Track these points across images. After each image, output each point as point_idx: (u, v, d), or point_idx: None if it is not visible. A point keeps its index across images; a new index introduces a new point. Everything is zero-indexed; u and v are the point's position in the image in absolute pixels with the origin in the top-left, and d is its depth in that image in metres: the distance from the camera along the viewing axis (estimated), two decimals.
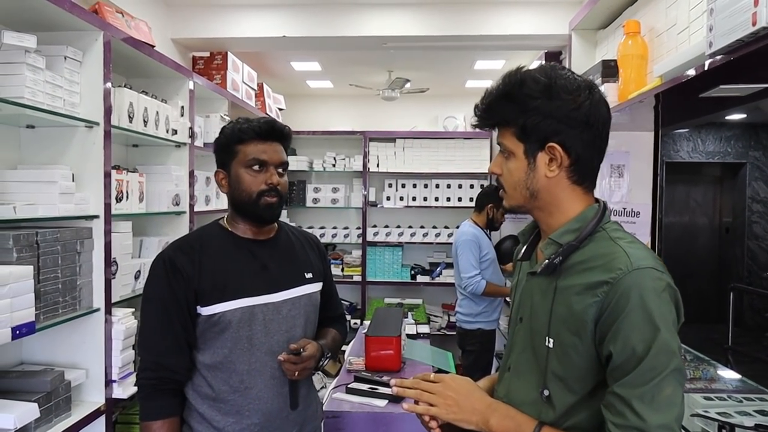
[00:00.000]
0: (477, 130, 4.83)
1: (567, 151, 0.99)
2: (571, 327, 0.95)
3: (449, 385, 1.05)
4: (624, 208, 2.43)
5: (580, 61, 2.65)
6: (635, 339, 0.88)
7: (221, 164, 1.54)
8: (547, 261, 1.00)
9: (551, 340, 0.98)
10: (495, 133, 1.08)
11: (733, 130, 6.97)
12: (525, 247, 1.14)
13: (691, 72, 1.50)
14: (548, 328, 0.99)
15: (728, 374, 2.09)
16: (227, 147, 1.51)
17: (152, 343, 1.46)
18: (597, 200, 1.05)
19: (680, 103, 1.97)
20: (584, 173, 1.02)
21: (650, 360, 0.87)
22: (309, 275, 1.60)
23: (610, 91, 2.06)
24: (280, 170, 1.51)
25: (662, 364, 0.87)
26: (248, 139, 1.48)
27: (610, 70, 2.12)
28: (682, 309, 0.94)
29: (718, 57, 1.33)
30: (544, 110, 0.97)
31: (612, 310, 0.90)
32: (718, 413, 1.65)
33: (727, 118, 6.09)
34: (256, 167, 1.48)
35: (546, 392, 0.98)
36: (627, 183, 2.48)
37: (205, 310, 1.45)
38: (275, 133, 1.51)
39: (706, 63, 1.39)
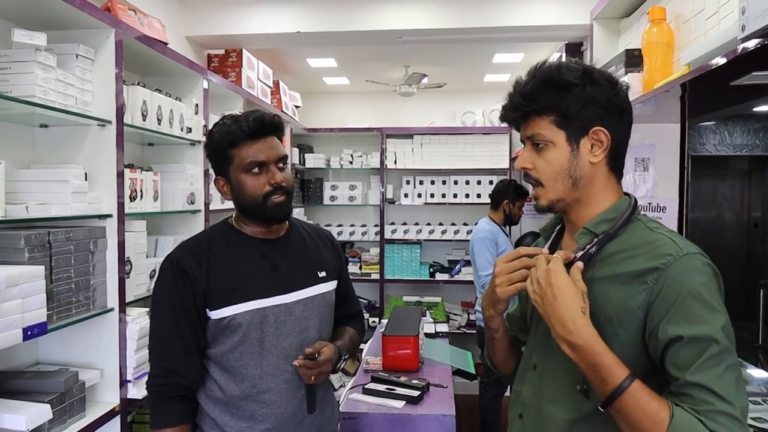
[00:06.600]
0: (496, 125, 4.85)
1: (610, 136, 1.00)
2: (613, 317, 0.94)
3: (562, 282, 0.93)
4: (649, 203, 2.34)
5: (603, 52, 2.56)
6: (703, 323, 0.86)
7: (218, 171, 1.47)
8: (581, 251, 0.99)
9: None
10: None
11: (762, 122, 6.76)
12: (548, 243, 1.12)
13: (722, 59, 1.42)
14: None
15: (759, 374, 2.02)
16: (220, 153, 1.44)
17: (161, 348, 1.42)
18: (627, 193, 1.05)
19: (708, 92, 1.89)
20: (619, 161, 1.04)
21: (721, 344, 0.86)
22: (322, 274, 1.55)
23: (634, 82, 1.98)
24: (281, 165, 1.45)
25: (730, 347, 0.86)
26: (240, 141, 1.41)
27: (634, 59, 2.03)
28: (723, 296, 0.93)
29: (752, 41, 1.26)
30: (587, 95, 0.98)
31: (665, 296, 0.89)
32: (753, 419, 1.58)
33: (755, 109, 5.90)
34: (255, 170, 1.41)
35: (585, 386, 0.95)
36: (652, 177, 2.39)
37: (215, 314, 1.41)
38: (266, 128, 1.43)
39: (739, 47, 1.31)
